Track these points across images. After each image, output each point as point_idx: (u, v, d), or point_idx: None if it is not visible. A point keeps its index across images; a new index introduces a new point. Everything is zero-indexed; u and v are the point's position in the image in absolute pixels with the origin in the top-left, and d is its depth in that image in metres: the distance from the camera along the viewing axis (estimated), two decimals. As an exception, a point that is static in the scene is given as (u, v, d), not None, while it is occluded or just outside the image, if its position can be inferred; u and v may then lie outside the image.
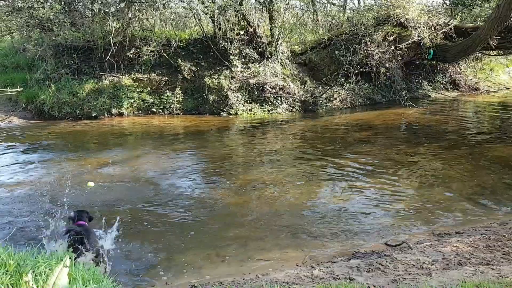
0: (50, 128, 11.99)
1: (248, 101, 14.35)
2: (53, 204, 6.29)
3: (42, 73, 13.92)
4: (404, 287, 3.68)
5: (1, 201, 6.38)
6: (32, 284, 2.62)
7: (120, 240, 5.09)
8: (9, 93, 10.36)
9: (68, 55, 14.16)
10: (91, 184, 6.51)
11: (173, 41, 14.79)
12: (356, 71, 15.26)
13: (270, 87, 14.50)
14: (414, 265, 4.28)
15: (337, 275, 4.11)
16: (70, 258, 2.89)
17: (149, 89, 14.24)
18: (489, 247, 4.71)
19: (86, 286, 3.01)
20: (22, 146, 9.95)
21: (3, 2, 14.01)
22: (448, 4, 18.60)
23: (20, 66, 14.91)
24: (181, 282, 4.31)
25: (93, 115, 13.19)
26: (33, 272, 2.98)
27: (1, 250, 3.35)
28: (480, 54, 18.71)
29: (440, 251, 4.63)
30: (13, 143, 10.16)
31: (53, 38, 13.57)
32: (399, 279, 3.92)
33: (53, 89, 13.25)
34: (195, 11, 14.02)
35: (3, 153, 9.35)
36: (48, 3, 12.55)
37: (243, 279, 4.21)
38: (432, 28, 15.83)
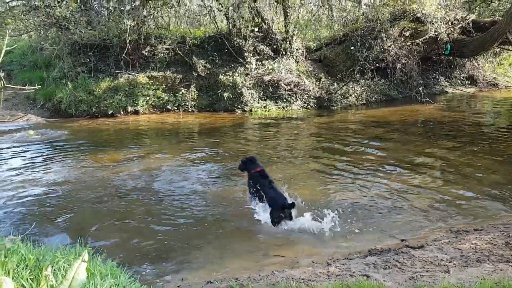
0: (67, 125, 12.12)
1: (263, 98, 14.34)
2: (69, 201, 6.38)
3: (59, 71, 14.14)
4: (422, 284, 3.64)
5: (17, 199, 6.46)
6: (52, 279, 2.65)
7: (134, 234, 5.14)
8: (27, 91, 10.52)
9: (84, 54, 14.33)
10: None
11: (188, 38, 14.87)
12: (372, 67, 15.12)
13: (284, 84, 14.47)
14: (431, 262, 4.22)
15: (353, 272, 4.08)
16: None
17: (164, 86, 14.33)
18: (508, 244, 4.62)
19: (103, 281, 3.04)
20: (38, 143, 10.07)
21: (20, 1, 14.22)
22: (465, -2, 18.32)
23: (37, 64, 15.13)
24: (197, 278, 4.31)
25: (109, 113, 13.33)
26: (52, 267, 3.02)
27: (21, 245, 3.41)
28: (499, 49, 18.41)
29: (458, 248, 4.56)
30: (30, 141, 10.29)
31: (70, 37, 13.75)
32: (416, 276, 3.87)
33: (70, 87, 13.42)
34: (209, 8, 14.07)
35: (19, 151, 9.48)
36: (64, 2, 12.70)
37: (259, 275, 4.19)
38: (449, 23, 15.60)
